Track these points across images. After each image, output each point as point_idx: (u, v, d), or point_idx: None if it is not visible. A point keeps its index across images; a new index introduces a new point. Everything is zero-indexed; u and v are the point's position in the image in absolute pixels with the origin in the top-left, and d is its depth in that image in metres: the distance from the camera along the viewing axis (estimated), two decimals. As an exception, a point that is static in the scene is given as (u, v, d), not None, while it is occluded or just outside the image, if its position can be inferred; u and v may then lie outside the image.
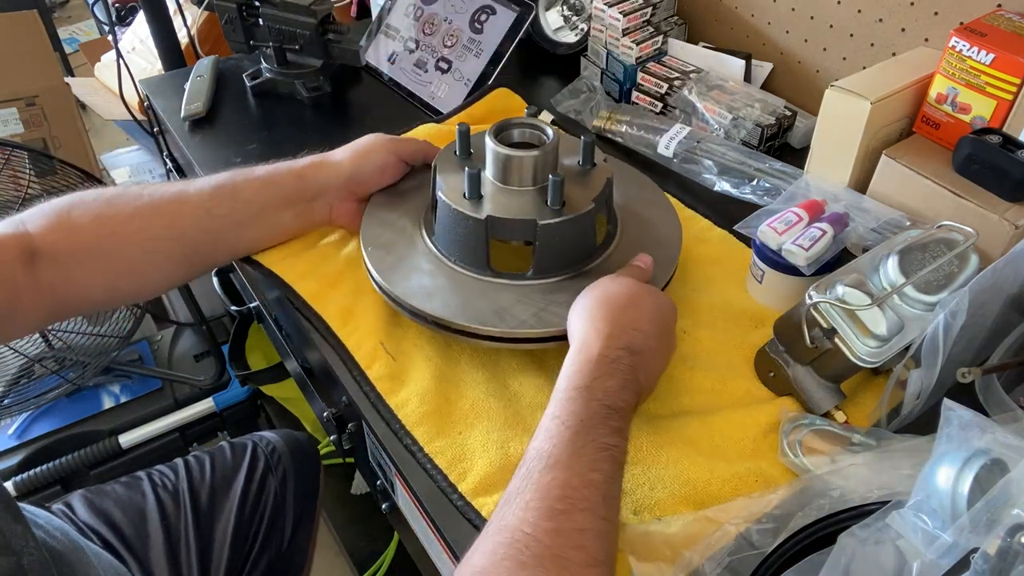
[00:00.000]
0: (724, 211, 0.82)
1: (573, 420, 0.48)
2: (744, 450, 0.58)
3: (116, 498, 0.85)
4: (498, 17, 1.03)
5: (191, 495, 0.87)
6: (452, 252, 0.67)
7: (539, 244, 0.64)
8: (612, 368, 0.52)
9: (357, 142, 0.76)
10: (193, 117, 1.00)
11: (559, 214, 0.63)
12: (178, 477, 0.89)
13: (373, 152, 0.74)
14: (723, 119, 0.91)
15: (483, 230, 0.63)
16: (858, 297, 0.56)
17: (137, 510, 0.84)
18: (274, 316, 0.84)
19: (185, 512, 0.85)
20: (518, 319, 0.62)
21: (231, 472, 0.92)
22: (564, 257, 0.66)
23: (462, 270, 0.66)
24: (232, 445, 0.96)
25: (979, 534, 0.39)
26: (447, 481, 0.57)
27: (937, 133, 0.72)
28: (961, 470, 0.42)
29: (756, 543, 0.48)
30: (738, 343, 0.67)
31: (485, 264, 0.65)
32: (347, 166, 0.73)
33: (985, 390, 0.56)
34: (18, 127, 1.68)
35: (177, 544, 0.83)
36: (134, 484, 0.87)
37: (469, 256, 0.66)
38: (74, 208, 0.66)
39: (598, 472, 0.46)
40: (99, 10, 1.82)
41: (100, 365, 1.24)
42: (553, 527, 0.43)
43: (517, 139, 0.68)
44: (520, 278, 0.65)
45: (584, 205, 0.64)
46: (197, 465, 0.91)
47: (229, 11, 1.03)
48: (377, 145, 0.75)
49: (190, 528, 0.84)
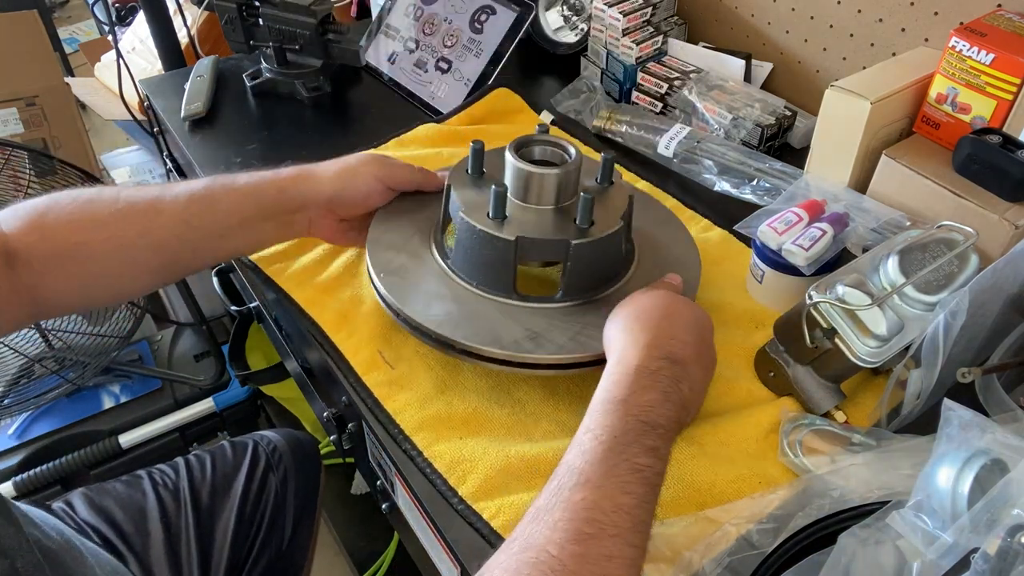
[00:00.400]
0: (724, 211, 0.82)
1: (607, 435, 0.47)
2: (747, 451, 0.58)
3: (116, 496, 0.85)
4: (498, 17, 1.03)
5: (192, 494, 0.87)
6: (474, 275, 0.64)
7: (570, 265, 0.61)
8: (652, 380, 0.50)
9: (347, 160, 0.72)
10: (193, 117, 1.00)
11: (589, 234, 0.61)
12: (179, 476, 0.89)
13: (359, 177, 0.71)
14: (723, 119, 0.91)
15: (511, 252, 0.60)
16: (858, 297, 0.56)
17: (137, 508, 0.84)
18: (274, 316, 0.85)
19: (186, 510, 0.85)
20: (555, 344, 0.59)
21: (232, 471, 0.92)
22: (593, 278, 0.64)
23: (486, 294, 0.63)
24: (233, 444, 0.96)
25: (979, 534, 0.39)
26: (447, 485, 0.57)
27: (937, 133, 0.72)
28: (961, 470, 0.42)
29: (756, 543, 0.48)
30: (739, 344, 0.67)
31: (511, 287, 0.62)
32: (329, 186, 0.70)
33: (985, 390, 0.56)
34: (18, 127, 1.68)
35: (177, 542, 0.83)
36: (135, 483, 0.87)
37: (493, 279, 0.63)
38: (49, 211, 0.64)
39: (630, 496, 0.44)
40: (99, 10, 1.82)
41: (100, 365, 1.24)
42: (580, 552, 0.41)
43: (538, 156, 0.66)
44: (548, 301, 0.63)
45: (612, 223, 0.62)
46: (198, 464, 0.91)
47: (229, 11, 1.03)
48: (365, 170, 0.71)
49: (190, 526, 0.84)
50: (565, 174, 0.62)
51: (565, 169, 0.62)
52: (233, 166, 0.93)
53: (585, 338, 0.59)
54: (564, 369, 0.60)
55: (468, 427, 0.61)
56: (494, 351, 0.59)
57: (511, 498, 0.55)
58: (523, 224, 0.61)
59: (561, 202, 0.63)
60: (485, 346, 0.59)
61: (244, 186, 0.69)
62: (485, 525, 0.54)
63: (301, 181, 0.70)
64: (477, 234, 0.61)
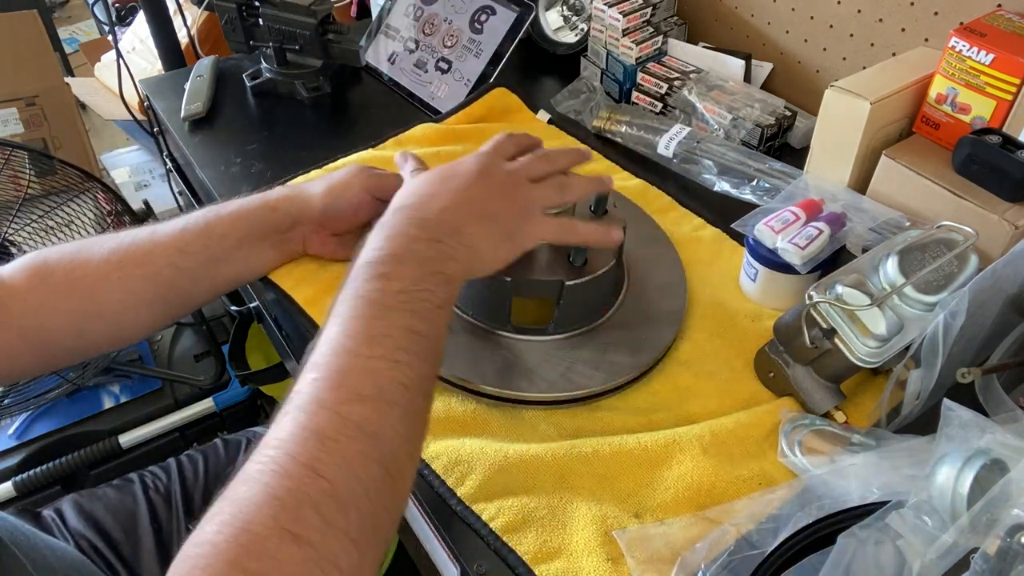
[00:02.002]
0: (724, 211, 0.82)
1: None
2: (748, 452, 0.58)
3: (107, 502, 0.83)
4: (498, 17, 1.03)
5: (183, 496, 0.86)
6: (470, 307, 0.66)
7: (563, 303, 0.63)
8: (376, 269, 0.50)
9: (334, 175, 0.73)
10: (193, 117, 1.00)
11: (583, 273, 0.63)
12: (170, 478, 0.87)
13: (348, 190, 0.72)
14: (723, 119, 0.91)
15: (507, 290, 0.63)
16: (858, 297, 0.56)
17: (128, 514, 0.82)
18: (274, 316, 0.84)
19: (177, 514, 0.84)
20: (547, 381, 0.61)
21: (224, 471, 0.90)
22: (584, 312, 0.66)
23: (482, 325, 0.66)
24: (226, 442, 0.94)
25: (979, 534, 0.39)
26: (445, 486, 0.56)
27: (937, 133, 0.72)
28: (961, 470, 0.42)
29: (756, 543, 0.48)
30: (736, 343, 0.67)
31: (506, 321, 0.65)
32: (319, 202, 0.71)
33: (985, 390, 0.56)
34: (18, 127, 1.68)
35: (169, 548, 0.82)
36: (125, 487, 0.86)
37: (489, 313, 0.65)
38: (51, 254, 0.66)
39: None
40: (99, 10, 1.82)
41: (100, 365, 1.24)
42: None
43: None
44: (540, 333, 0.65)
45: (605, 260, 0.64)
46: (190, 465, 0.90)
47: (229, 11, 1.03)
48: (353, 183, 0.72)
49: (182, 531, 0.83)
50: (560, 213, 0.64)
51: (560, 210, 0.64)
52: (233, 166, 0.93)
53: (574, 375, 0.62)
54: (554, 406, 0.62)
55: (466, 429, 0.61)
56: (487, 388, 0.61)
57: (510, 500, 0.55)
58: (519, 263, 0.62)
59: None
60: (479, 383, 0.61)
61: (236, 210, 0.70)
62: (484, 526, 0.53)
63: (291, 200, 0.71)
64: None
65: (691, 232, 0.80)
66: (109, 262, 0.66)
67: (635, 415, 0.61)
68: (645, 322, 0.67)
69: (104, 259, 0.66)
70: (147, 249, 0.67)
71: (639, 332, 0.66)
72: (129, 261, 0.66)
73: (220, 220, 0.69)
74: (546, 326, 0.65)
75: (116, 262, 0.66)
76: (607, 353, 0.64)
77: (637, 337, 0.66)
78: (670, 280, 0.72)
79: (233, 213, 0.69)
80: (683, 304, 0.69)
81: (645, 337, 0.66)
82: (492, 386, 0.61)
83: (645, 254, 0.74)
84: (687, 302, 0.70)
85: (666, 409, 0.62)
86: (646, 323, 0.67)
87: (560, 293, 0.63)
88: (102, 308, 0.66)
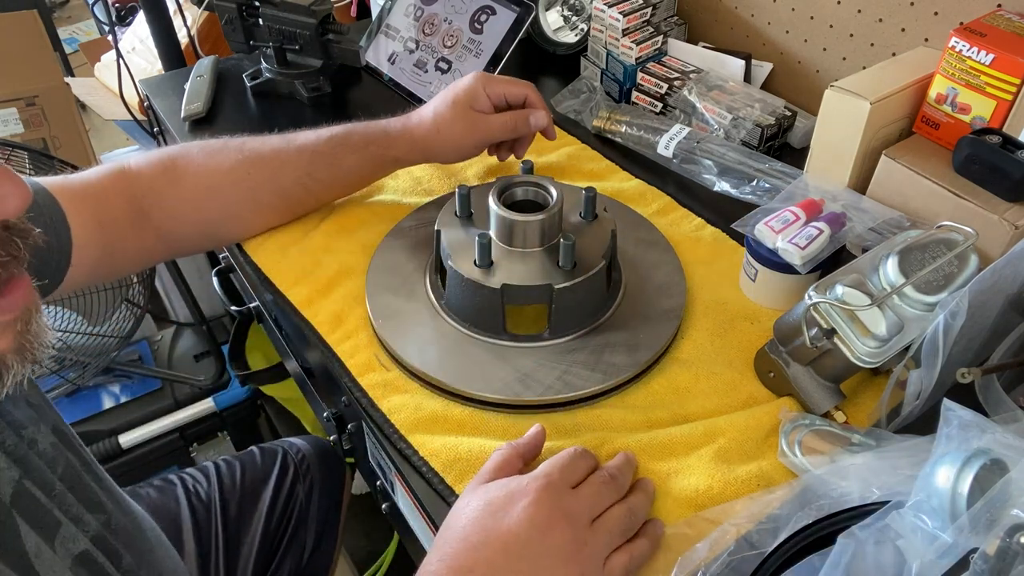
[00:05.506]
0: (724, 211, 0.82)
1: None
2: (747, 452, 0.58)
3: (150, 503, 0.84)
4: (498, 17, 1.03)
5: (222, 504, 0.86)
6: (465, 317, 0.67)
7: (555, 307, 0.64)
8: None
9: (443, 116, 0.77)
10: (193, 117, 1.00)
11: (572, 276, 0.63)
12: (210, 484, 0.88)
13: (452, 137, 0.78)
14: (723, 119, 0.91)
15: (498, 298, 0.63)
16: (858, 297, 0.56)
17: (171, 519, 0.83)
18: (274, 316, 0.84)
19: (216, 522, 0.85)
20: (543, 384, 0.62)
21: (260, 480, 0.91)
22: (579, 315, 0.66)
23: (477, 335, 0.66)
24: (262, 451, 0.96)
25: (979, 534, 0.39)
26: (444, 484, 0.57)
27: (937, 133, 0.72)
28: (961, 470, 0.41)
29: (756, 543, 0.48)
30: (736, 343, 0.67)
31: (501, 329, 0.65)
32: (425, 145, 0.78)
33: (985, 390, 0.56)
34: (18, 127, 1.68)
35: (207, 555, 0.83)
36: (167, 489, 0.87)
37: (484, 322, 0.66)
38: (180, 157, 0.70)
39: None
40: (99, 10, 1.82)
41: (100, 365, 1.24)
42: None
43: (520, 197, 0.68)
44: (536, 339, 0.65)
45: (595, 262, 0.64)
46: (228, 471, 0.91)
47: (229, 11, 1.03)
48: (456, 128, 0.77)
49: (219, 538, 0.84)
50: (548, 218, 0.65)
51: (548, 213, 0.64)
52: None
53: (571, 377, 0.62)
54: (552, 409, 0.62)
55: (464, 428, 0.61)
56: (486, 395, 0.61)
57: (511, 498, 0.54)
58: (509, 270, 0.64)
59: (546, 242, 0.66)
60: (477, 391, 0.62)
61: (360, 143, 0.77)
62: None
63: (405, 140, 0.78)
64: (465, 282, 0.64)
65: (691, 232, 0.80)
66: (237, 172, 0.72)
67: (634, 414, 0.61)
68: (643, 322, 0.67)
69: (231, 168, 0.72)
70: (276, 165, 0.73)
71: (637, 332, 0.66)
72: (258, 174, 0.72)
73: (347, 154, 0.76)
74: (542, 332, 0.65)
75: (244, 173, 0.72)
76: (604, 354, 0.64)
77: (635, 337, 0.66)
78: (668, 280, 0.72)
79: (361, 151, 0.77)
80: (681, 303, 0.69)
81: (643, 337, 0.66)
82: (490, 393, 0.61)
83: (642, 256, 0.74)
84: (687, 302, 0.70)
85: (665, 408, 0.62)
86: (644, 323, 0.67)
87: (551, 297, 0.63)
88: (230, 214, 0.74)
